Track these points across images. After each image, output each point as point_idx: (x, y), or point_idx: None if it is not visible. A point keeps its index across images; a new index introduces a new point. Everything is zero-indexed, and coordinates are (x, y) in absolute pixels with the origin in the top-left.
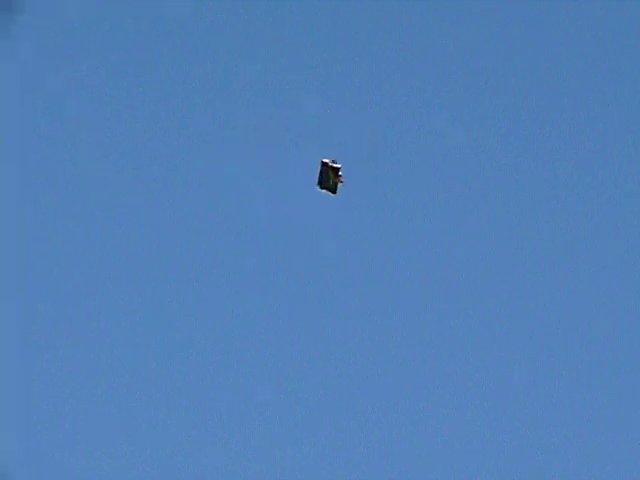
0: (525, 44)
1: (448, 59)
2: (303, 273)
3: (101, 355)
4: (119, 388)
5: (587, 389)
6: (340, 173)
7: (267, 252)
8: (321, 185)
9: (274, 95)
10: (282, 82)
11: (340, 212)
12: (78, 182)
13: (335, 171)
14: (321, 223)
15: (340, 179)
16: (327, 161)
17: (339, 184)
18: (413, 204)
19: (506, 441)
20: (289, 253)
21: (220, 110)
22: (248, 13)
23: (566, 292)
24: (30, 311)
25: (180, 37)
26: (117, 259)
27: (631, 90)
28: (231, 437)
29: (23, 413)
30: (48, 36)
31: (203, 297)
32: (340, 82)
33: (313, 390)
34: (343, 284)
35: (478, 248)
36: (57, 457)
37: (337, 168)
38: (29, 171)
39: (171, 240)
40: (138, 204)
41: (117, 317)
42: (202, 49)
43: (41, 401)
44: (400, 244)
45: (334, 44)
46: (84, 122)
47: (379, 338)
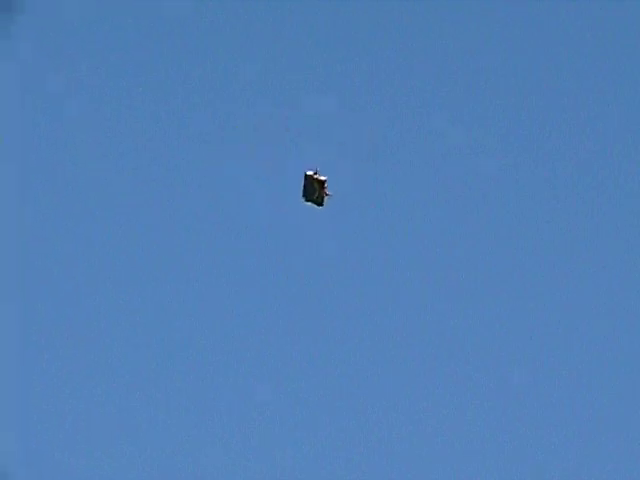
0: (525, 44)
1: (448, 59)
2: (303, 273)
3: (101, 355)
4: (119, 388)
5: (587, 389)
6: (326, 185)
7: (267, 252)
8: (306, 197)
9: (274, 95)
10: (282, 82)
11: (340, 212)
12: (78, 182)
13: (320, 183)
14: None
15: (326, 192)
16: (310, 173)
17: (325, 197)
18: (413, 204)
19: (506, 441)
20: (289, 253)
21: (220, 110)
22: (248, 13)
23: (566, 292)
24: (30, 311)
25: (180, 37)
26: (117, 259)
27: (631, 90)
28: (231, 437)
29: (23, 413)
30: (48, 36)
31: (203, 297)
32: (340, 82)
33: (313, 390)
34: (343, 284)
35: (478, 248)
36: (57, 457)
37: (322, 181)
38: (29, 171)
39: (171, 240)
40: (138, 204)
41: (117, 317)
42: (202, 49)
43: (41, 401)
44: (400, 244)
45: (334, 44)
46: (84, 122)
47: (379, 338)
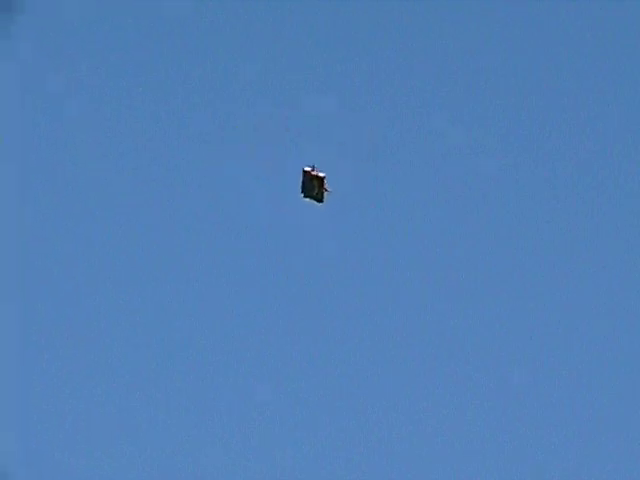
0: (525, 44)
1: (448, 59)
2: (303, 273)
3: (101, 355)
4: (119, 388)
5: (587, 389)
6: (325, 181)
7: (267, 252)
8: (305, 194)
9: (274, 95)
10: (282, 82)
11: (340, 212)
12: (78, 182)
13: (319, 180)
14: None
15: (325, 188)
16: (308, 169)
17: (325, 193)
18: (413, 204)
19: (506, 441)
20: (289, 253)
21: (220, 110)
22: (248, 13)
23: (566, 292)
24: (30, 311)
25: (180, 37)
26: (117, 259)
27: (631, 90)
28: (231, 437)
29: (23, 413)
30: (48, 36)
31: (203, 296)
32: (340, 82)
33: (313, 390)
34: (343, 284)
35: (478, 248)
36: (57, 457)
37: (321, 177)
38: (29, 171)
39: (171, 240)
40: (138, 204)
41: (117, 317)
42: (202, 49)
43: (41, 401)
44: (400, 244)
45: (334, 44)
46: (84, 122)
47: (379, 338)
